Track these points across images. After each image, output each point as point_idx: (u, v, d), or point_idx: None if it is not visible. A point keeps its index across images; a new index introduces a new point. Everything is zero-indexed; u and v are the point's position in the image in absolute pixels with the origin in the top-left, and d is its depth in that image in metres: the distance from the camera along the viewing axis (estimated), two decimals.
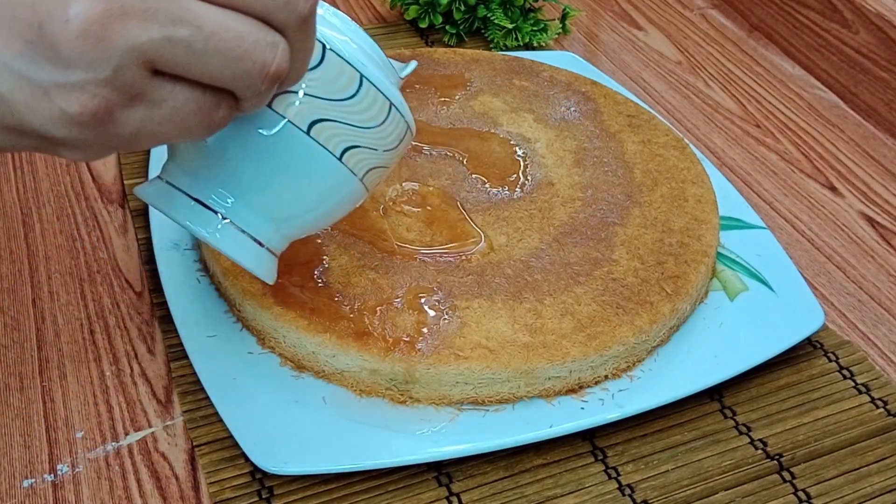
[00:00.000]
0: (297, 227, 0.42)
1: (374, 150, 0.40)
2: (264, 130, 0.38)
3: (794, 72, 0.79)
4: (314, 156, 0.39)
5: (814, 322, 0.51)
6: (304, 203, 0.41)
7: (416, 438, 0.44)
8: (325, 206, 0.42)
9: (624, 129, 0.61)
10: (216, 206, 0.39)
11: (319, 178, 0.40)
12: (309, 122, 0.38)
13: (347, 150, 0.39)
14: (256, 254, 0.40)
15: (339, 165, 0.39)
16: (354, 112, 0.39)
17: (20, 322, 0.51)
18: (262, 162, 0.39)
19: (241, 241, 0.40)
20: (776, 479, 0.46)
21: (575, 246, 0.52)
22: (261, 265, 0.41)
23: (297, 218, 0.41)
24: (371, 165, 0.41)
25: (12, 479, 0.43)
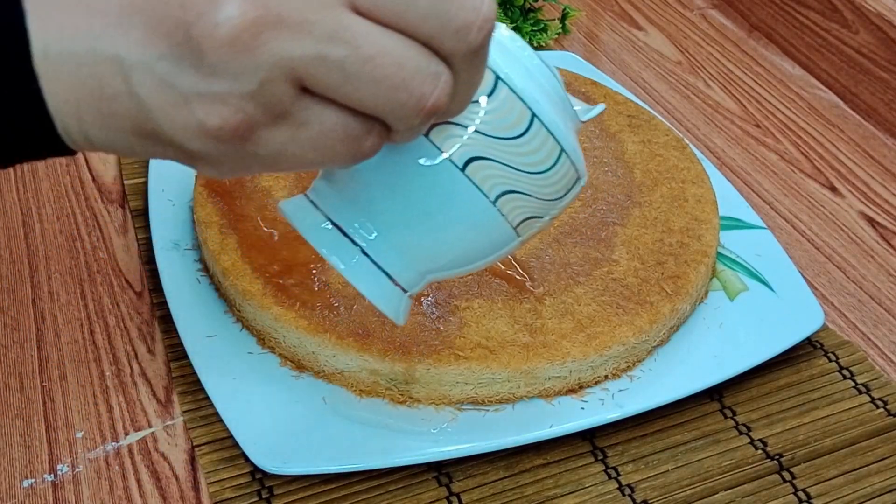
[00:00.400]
0: (437, 269, 0.38)
1: (534, 198, 0.36)
2: (416, 160, 0.35)
3: (794, 72, 0.79)
4: (466, 196, 0.35)
5: (814, 322, 0.51)
6: (449, 246, 0.37)
7: (416, 438, 0.44)
8: (470, 252, 0.38)
9: (624, 129, 0.61)
10: (357, 237, 0.36)
11: (468, 220, 0.36)
12: (466, 159, 0.34)
13: (504, 194, 0.35)
14: (390, 293, 0.37)
15: (493, 210, 0.36)
16: (519, 154, 0.35)
17: (20, 322, 0.51)
18: (410, 196, 0.35)
19: (375, 277, 0.37)
20: (776, 479, 0.46)
21: (575, 246, 0.52)
22: (392, 305, 0.37)
23: (439, 260, 0.38)
24: (528, 214, 0.37)
25: (12, 479, 0.43)
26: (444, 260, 0.38)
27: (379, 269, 0.37)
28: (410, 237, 0.36)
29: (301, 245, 0.50)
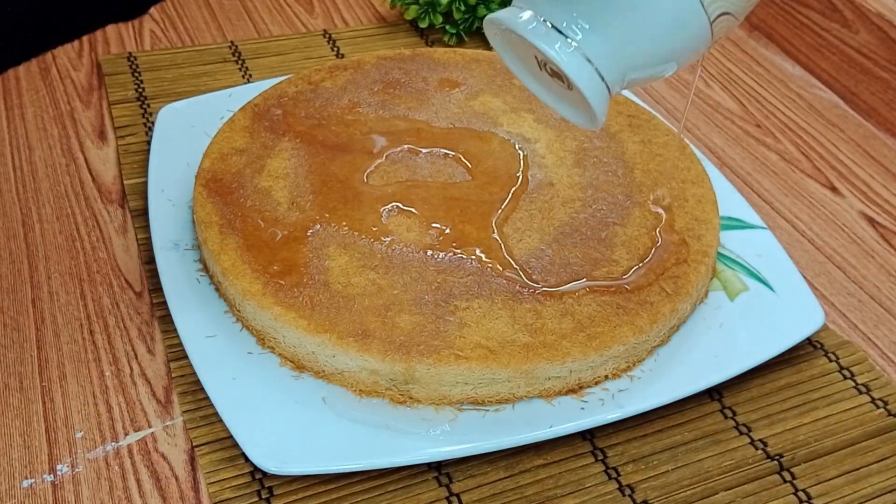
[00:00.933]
0: (637, 67, 0.40)
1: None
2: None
3: (794, 72, 0.79)
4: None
5: (814, 322, 0.51)
6: (652, 39, 0.39)
7: (416, 438, 0.44)
8: (669, 47, 0.40)
9: (624, 129, 0.61)
10: (570, 32, 0.39)
11: (673, 10, 0.38)
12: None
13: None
14: (598, 88, 0.39)
15: (700, 10, 0.38)
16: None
17: (20, 322, 0.51)
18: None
19: (588, 71, 0.39)
20: (776, 479, 0.46)
21: (575, 246, 0.52)
22: (599, 100, 0.40)
23: (642, 55, 0.40)
24: (724, 9, 0.39)
25: (12, 479, 0.43)
26: (647, 55, 0.40)
27: (590, 62, 0.39)
28: (619, 30, 0.39)
29: (301, 245, 0.50)
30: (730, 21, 0.40)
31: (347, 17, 0.81)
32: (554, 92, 0.44)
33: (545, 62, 0.42)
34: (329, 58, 0.75)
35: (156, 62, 0.72)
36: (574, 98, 0.42)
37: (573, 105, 0.43)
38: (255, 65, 0.73)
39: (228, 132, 0.58)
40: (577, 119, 0.44)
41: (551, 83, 0.44)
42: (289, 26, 0.79)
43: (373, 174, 0.55)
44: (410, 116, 0.61)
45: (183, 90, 0.69)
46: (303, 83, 0.63)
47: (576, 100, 0.42)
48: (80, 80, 0.70)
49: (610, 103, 0.41)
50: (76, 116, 0.67)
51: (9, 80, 0.69)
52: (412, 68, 0.65)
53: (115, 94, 0.68)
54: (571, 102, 0.43)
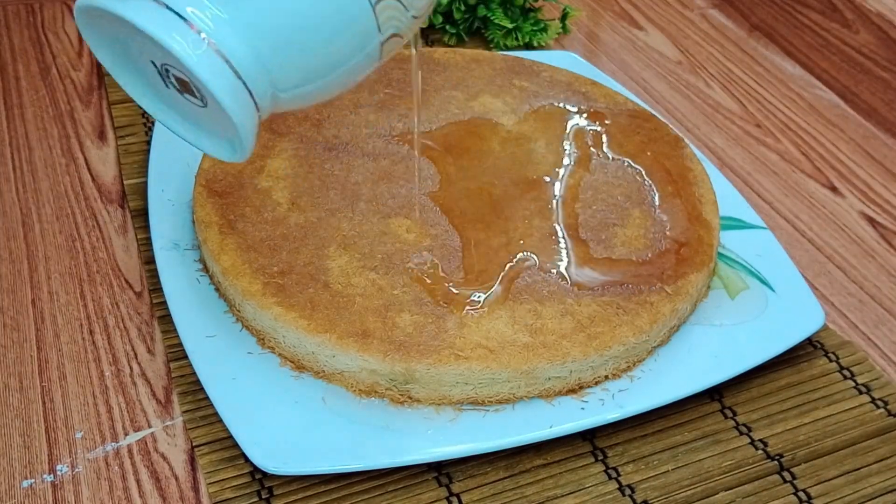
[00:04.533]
0: (290, 78, 0.32)
1: (405, 9, 0.33)
2: None
3: (794, 72, 0.79)
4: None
5: (814, 322, 0.51)
6: (308, 36, 0.31)
7: (416, 438, 0.44)
8: (330, 53, 0.32)
9: (624, 130, 0.61)
10: (197, 21, 0.30)
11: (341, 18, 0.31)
12: None
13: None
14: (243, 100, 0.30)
15: (370, 12, 0.31)
16: None
17: (20, 322, 0.51)
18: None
19: (223, 71, 0.30)
20: (776, 479, 0.46)
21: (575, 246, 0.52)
22: (243, 117, 0.31)
23: (295, 58, 0.31)
24: (397, 29, 0.33)
25: (12, 479, 0.43)
26: (303, 58, 0.32)
27: (228, 63, 0.30)
28: (267, 21, 0.30)
29: (301, 245, 0.50)
30: (398, 43, 0.34)
31: None
32: (185, 114, 0.34)
33: (168, 69, 0.31)
34: None
35: None
36: (212, 119, 0.33)
37: (212, 129, 0.34)
38: None
39: None
40: (220, 148, 0.34)
41: (179, 101, 0.33)
42: None
43: (372, 174, 0.55)
44: (410, 117, 0.61)
45: None
46: None
47: (215, 121, 0.33)
48: (80, 80, 0.70)
49: (259, 125, 0.32)
50: (76, 116, 0.67)
51: (9, 80, 0.69)
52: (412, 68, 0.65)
53: (115, 94, 0.68)
54: (210, 126, 0.33)
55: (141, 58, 0.32)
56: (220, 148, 0.34)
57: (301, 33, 0.31)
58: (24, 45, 0.74)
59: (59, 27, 0.76)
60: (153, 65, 0.32)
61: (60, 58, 0.73)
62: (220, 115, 0.31)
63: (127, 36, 0.31)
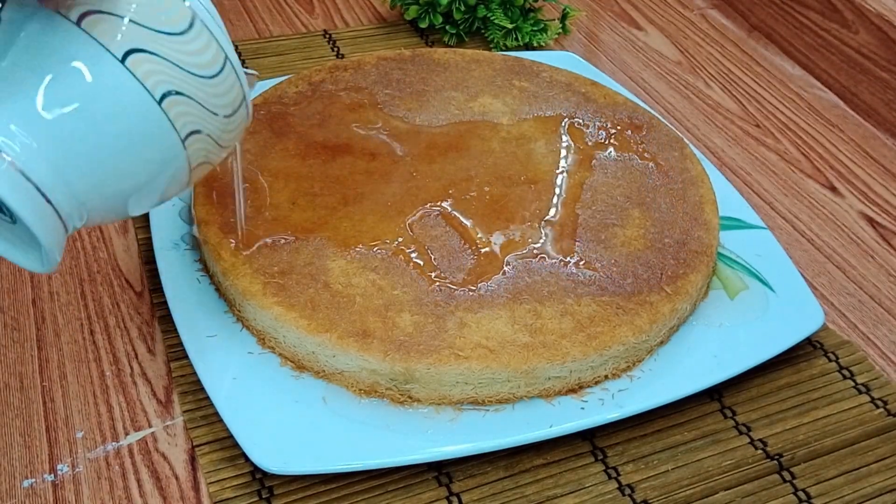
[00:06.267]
0: (98, 193, 0.34)
1: (203, 107, 0.34)
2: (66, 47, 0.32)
3: (794, 72, 0.79)
4: (127, 92, 0.32)
5: (814, 322, 0.51)
6: (110, 154, 0.33)
7: (416, 438, 0.44)
8: (135, 167, 0.34)
9: (624, 130, 0.61)
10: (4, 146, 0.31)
11: (131, 121, 0.33)
12: (125, 50, 0.32)
13: (170, 94, 0.33)
14: (49, 217, 0.32)
15: (156, 109, 0.33)
16: (183, 52, 0.33)
17: (20, 322, 0.51)
18: (63, 93, 0.32)
19: (26, 190, 0.32)
20: (776, 478, 0.46)
21: (575, 247, 0.52)
22: (49, 230, 0.32)
23: (100, 176, 0.33)
24: (198, 127, 0.34)
25: (12, 479, 0.43)
26: (106, 175, 0.34)
27: (31, 182, 0.32)
28: (63, 144, 0.32)
29: (301, 244, 0.50)
30: (211, 146, 0.36)
31: (347, 18, 0.81)
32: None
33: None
34: (329, 58, 0.75)
35: None
36: (23, 233, 0.34)
37: (24, 241, 0.35)
38: (256, 65, 0.73)
39: None
40: (30, 261, 0.35)
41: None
42: (289, 26, 0.79)
43: (372, 174, 0.55)
44: (410, 117, 0.61)
45: None
46: (303, 83, 0.63)
47: (25, 235, 0.34)
48: None
49: (66, 239, 0.34)
50: None
51: None
52: (412, 69, 0.65)
53: None
54: (22, 239, 0.35)
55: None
56: (29, 260, 0.35)
57: (108, 164, 0.34)
58: None
59: None
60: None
61: None
62: (28, 231, 0.33)
63: None
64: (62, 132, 0.33)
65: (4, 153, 0.31)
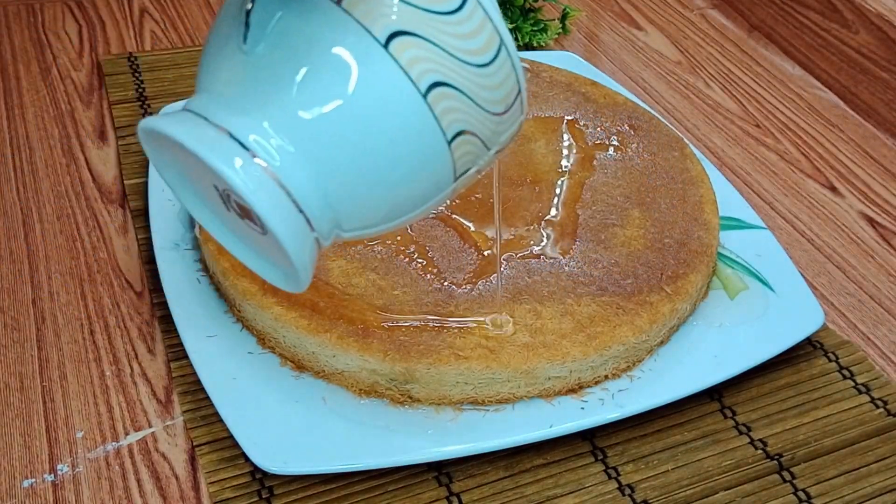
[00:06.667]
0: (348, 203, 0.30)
1: (473, 101, 0.29)
2: (329, 37, 0.28)
3: (794, 72, 0.79)
4: (390, 82, 0.28)
5: (814, 322, 0.51)
6: (368, 157, 0.29)
7: (416, 438, 0.44)
8: (403, 201, 0.30)
9: (624, 130, 0.61)
10: (259, 149, 0.28)
11: (390, 118, 0.29)
12: (389, 32, 0.28)
13: (435, 86, 0.29)
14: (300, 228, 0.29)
15: (421, 103, 0.28)
16: (453, 35, 0.29)
17: (20, 322, 0.51)
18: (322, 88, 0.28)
19: (281, 203, 0.28)
20: (776, 478, 0.46)
21: (575, 247, 0.52)
22: (299, 243, 0.29)
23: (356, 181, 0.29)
24: (466, 126, 0.29)
25: (12, 479, 0.43)
26: (363, 182, 0.29)
27: (285, 190, 0.28)
28: (326, 145, 0.29)
29: None
30: (477, 149, 0.30)
31: None
32: (245, 239, 0.33)
33: (229, 194, 0.30)
34: None
35: (156, 62, 0.72)
36: (271, 247, 0.31)
37: (271, 257, 0.32)
38: None
39: None
40: (277, 276, 0.33)
41: (239, 225, 0.32)
42: None
43: None
44: None
45: (183, 90, 0.69)
46: None
47: (273, 249, 0.31)
48: (81, 81, 0.70)
49: (318, 255, 0.30)
50: (76, 116, 0.67)
51: (9, 80, 0.70)
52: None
53: (115, 94, 0.68)
54: (268, 253, 0.32)
55: (203, 180, 0.31)
56: (277, 276, 0.33)
57: (366, 170, 0.29)
58: (25, 45, 0.74)
59: (60, 27, 0.76)
60: (215, 189, 0.31)
61: (61, 58, 0.73)
62: (278, 246, 0.29)
63: (188, 158, 0.29)
64: (320, 132, 0.28)
65: (259, 157, 0.28)
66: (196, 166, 0.29)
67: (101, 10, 0.79)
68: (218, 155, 0.28)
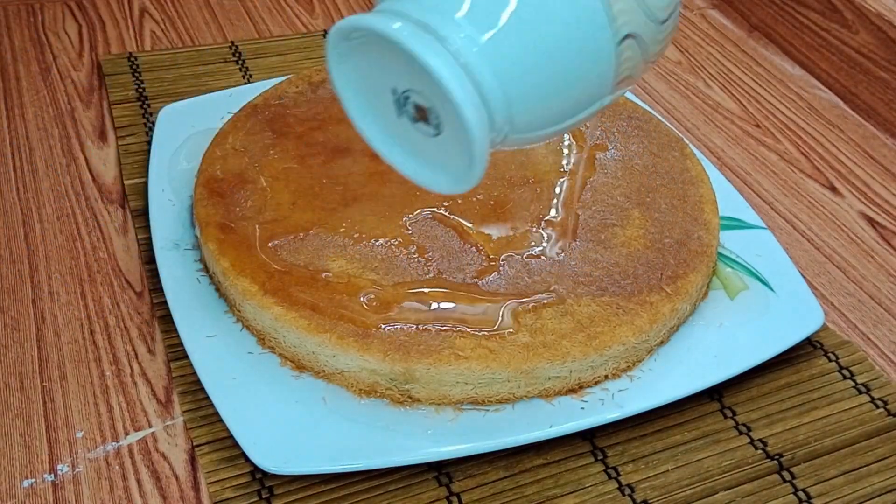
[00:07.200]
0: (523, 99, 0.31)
1: (643, 3, 0.31)
2: None
3: (794, 72, 0.79)
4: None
5: (814, 322, 0.51)
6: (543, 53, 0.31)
7: (416, 438, 0.44)
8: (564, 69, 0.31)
9: (624, 130, 0.61)
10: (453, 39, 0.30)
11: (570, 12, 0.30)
12: None
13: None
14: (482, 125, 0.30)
15: (600, 2, 0.30)
16: None
17: (20, 322, 0.51)
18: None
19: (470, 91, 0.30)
20: (776, 478, 0.46)
21: (574, 248, 0.52)
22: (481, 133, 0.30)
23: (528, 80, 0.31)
24: (634, 30, 0.31)
25: (12, 479, 0.43)
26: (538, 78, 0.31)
27: (477, 88, 0.30)
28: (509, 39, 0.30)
29: (301, 244, 0.50)
30: (638, 64, 0.33)
31: None
32: (411, 144, 0.34)
33: (408, 96, 0.32)
34: None
35: (156, 62, 0.72)
36: (440, 149, 0.33)
37: (437, 160, 0.34)
38: (256, 65, 0.73)
39: (229, 132, 0.58)
40: (441, 180, 0.34)
41: (408, 131, 0.34)
42: (289, 26, 0.79)
43: (372, 175, 0.55)
44: None
45: (183, 90, 0.69)
46: (303, 83, 0.63)
47: (443, 151, 0.33)
48: (81, 81, 0.70)
49: (489, 156, 0.31)
50: (76, 116, 0.67)
51: (9, 80, 0.70)
52: None
53: (115, 94, 0.68)
54: (435, 157, 0.34)
55: (380, 86, 0.33)
56: (441, 179, 0.34)
57: (548, 70, 0.31)
58: (25, 45, 0.74)
59: (60, 27, 0.76)
60: (392, 93, 0.33)
61: (61, 58, 0.73)
62: (453, 141, 0.31)
63: (372, 62, 0.32)
64: (507, 28, 0.30)
65: (453, 48, 0.30)
66: (380, 68, 0.31)
67: (101, 10, 0.79)
68: (417, 44, 0.30)
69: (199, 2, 0.81)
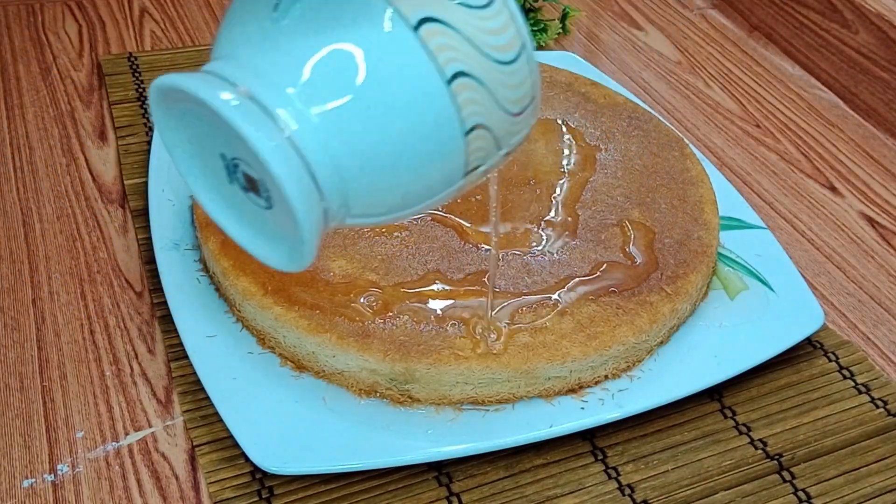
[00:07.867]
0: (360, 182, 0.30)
1: (493, 97, 0.30)
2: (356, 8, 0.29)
3: (794, 72, 0.79)
4: (416, 66, 0.29)
5: (814, 322, 0.51)
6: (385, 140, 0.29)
7: (416, 438, 0.44)
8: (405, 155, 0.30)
9: (624, 130, 0.61)
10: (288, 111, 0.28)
11: (411, 100, 0.29)
12: (420, 17, 0.28)
13: (459, 76, 0.29)
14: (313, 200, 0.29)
15: (444, 90, 0.29)
16: (481, 30, 0.29)
17: (20, 322, 0.51)
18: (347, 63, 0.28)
19: (297, 168, 0.28)
20: (776, 478, 0.46)
21: (574, 247, 0.52)
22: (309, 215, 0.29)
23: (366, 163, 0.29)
24: (483, 121, 0.30)
25: (12, 479, 0.43)
26: (376, 162, 0.30)
27: (305, 165, 0.28)
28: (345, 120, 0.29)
29: None
30: (490, 144, 0.31)
31: None
32: (243, 214, 0.32)
33: (237, 164, 0.30)
34: None
35: (156, 62, 0.72)
36: (273, 223, 0.31)
37: (271, 234, 0.32)
38: None
39: None
40: (275, 255, 0.32)
41: (240, 200, 0.32)
42: None
43: None
44: None
45: None
46: None
47: (275, 225, 0.31)
48: (81, 81, 0.70)
49: (322, 234, 0.30)
50: (76, 116, 0.67)
51: (9, 80, 0.70)
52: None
53: (115, 94, 0.68)
54: (268, 231, 0.32)
55: (209, 148, 0.31)
56: (275, 254, 0.32)
57: (387, 155, 0.30)
58: (25, 45, 0.74)
59: (60, 27, 0.76)
60: (221, 158, 0.31)
61: (61, 58, 0.73)
62: (284, 218, 0.29)
63: (199, 123, 0.30)
64: (341, 107, 0.29)
65: (278, 122, 0.28)
66: (207, 131, 0.29)
67: (101, 10, 0.79)
68: (239, 115, 0.28)
69: (199, 2, 0.81)
